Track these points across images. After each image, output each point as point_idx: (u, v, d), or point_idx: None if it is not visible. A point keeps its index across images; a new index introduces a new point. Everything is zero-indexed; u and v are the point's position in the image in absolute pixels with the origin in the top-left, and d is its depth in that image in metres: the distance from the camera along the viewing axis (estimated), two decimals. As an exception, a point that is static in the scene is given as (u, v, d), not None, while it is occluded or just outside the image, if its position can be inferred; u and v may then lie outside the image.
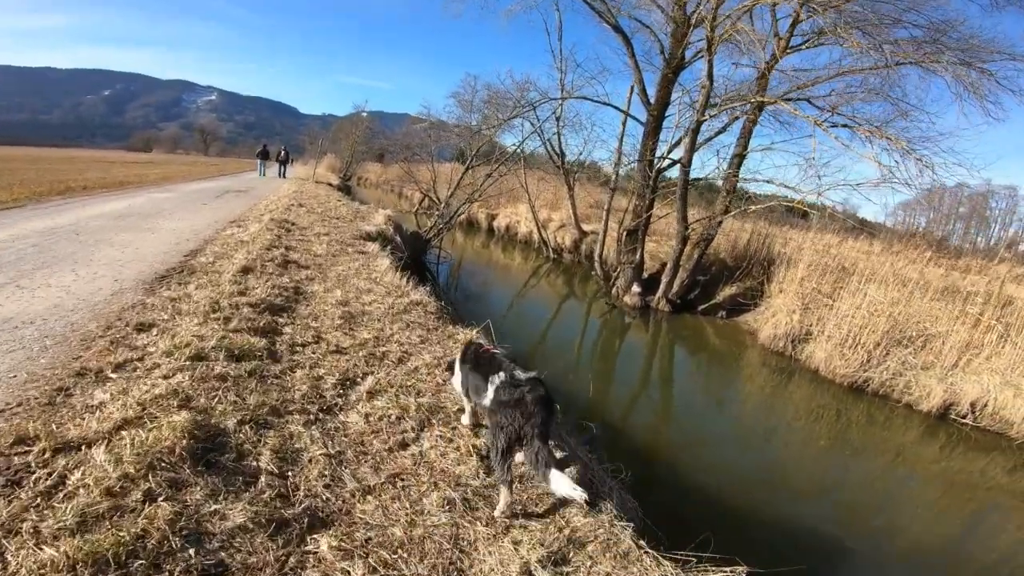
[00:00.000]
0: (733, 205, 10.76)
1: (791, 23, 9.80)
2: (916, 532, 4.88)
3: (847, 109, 9.41)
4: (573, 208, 15.92)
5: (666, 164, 11.54)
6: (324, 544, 1.92)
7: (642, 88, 12.06)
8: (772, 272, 10.57)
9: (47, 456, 2.13)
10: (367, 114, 32.91)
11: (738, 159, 10.62)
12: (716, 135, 11.38)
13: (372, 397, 3.06)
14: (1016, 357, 6.72)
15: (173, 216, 9.40)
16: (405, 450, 2.63)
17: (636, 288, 11.46)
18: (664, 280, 11.15)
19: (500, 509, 2.30)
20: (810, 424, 6.86)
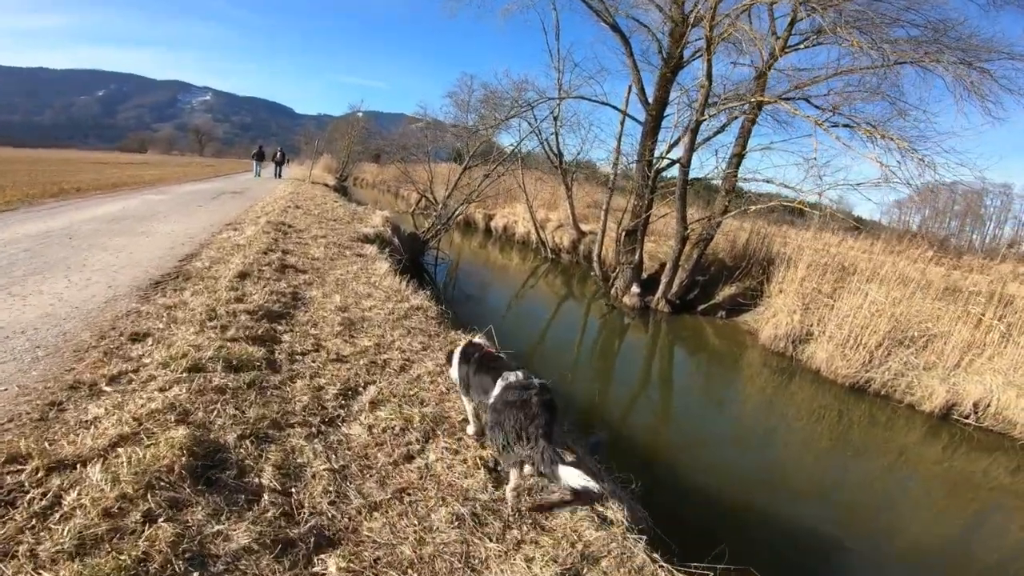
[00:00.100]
0: (732, 205, 10.73)
1: (789, 22, 9.79)
2: (919, 533, 4.87)
3: (847, 109, 9.40)
4: (571, 208, 15.86)
5: (665, 164, 11.50)
6: (332, 565, 1.85)
7: (640, 88, 12.02)
8: (771, 272, 10.53)
9: (41, 475, 2.04)
10: (363, 114, 32.82)
11: (737, 159, 10.60)
12: (715, 135, 11.33)
13: (375, 407, 2.99)
14: (1019, 357, 6.71)
15: (168, 219, 9.28)
16: (410, 463, 2.56)
17: (635, 288, 11.41)
18: (663, 280, 11.11)
19: (511, 486, 2.42)
20: (812, 425, 6.84)
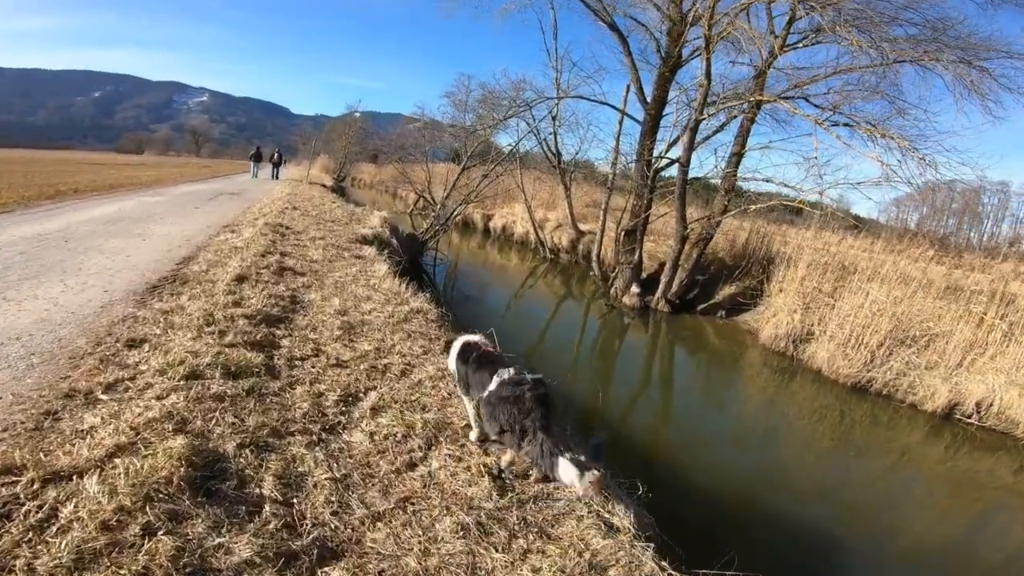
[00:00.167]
0: (732, 204, 10.71)
1: (787, 21, 9.77)
2: (923, 533, 4.86)
3: (846, 108, 9.38)
4: (570, 208, 15.83)
5: (664, 163, 11.47)
6: (335, 579, 1.81)
7: (639, 87, 11.99)
8: (771, 271, 10.51)
9: (36, 487, 1.99)
10: (360, 114, 32.74)
11: (736, 158, 10.58)
12: (714, 134, 11.30)
13: (376, 414, 2.94)
14: (1021, 356, 6.70)
15: (165, 221, 9.22)
16: (413, 471, 2.52)
17: (635, 288, 11.39)
18: (663, 280, 11.08)
19: (505, 461, 2.61)
20: (814, 424, 6.83)
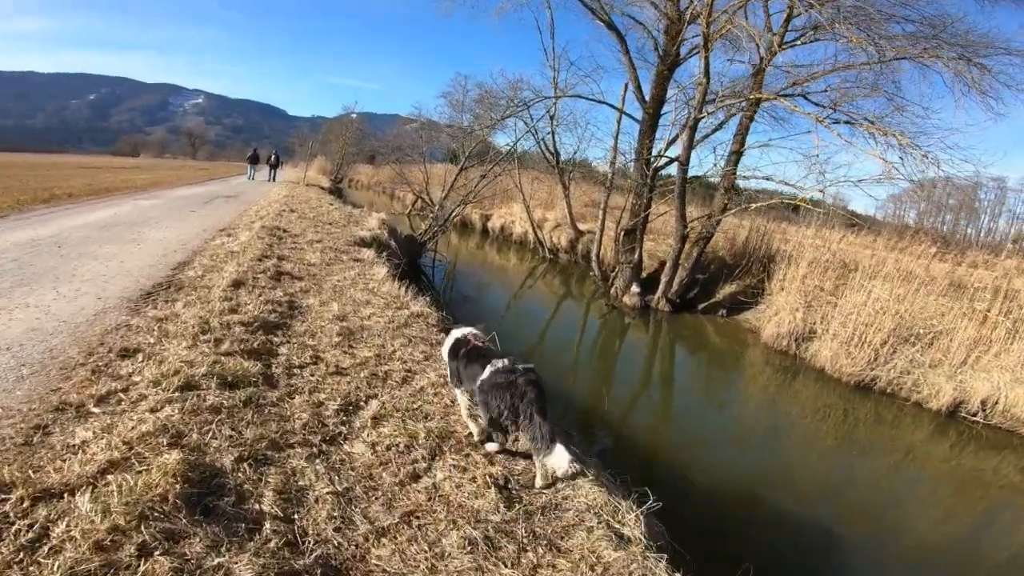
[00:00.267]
0: (732, 203, 10.66)
1: (785, 18, 9.73)
2: (928, 531, 4.83)
3: (846, 105, 9.34)
4: (569, 207, 15.76)
5: (663, 162, 11.41)
6: (338, 601, 1.74)
7: (637, 86, 11.92)
8: (772, 269, 10.47)
9: (26, 505, 1.92)
10: (357, 115, 32.60)
11: (735, 156, 10.53)
12: (713, 132, 11.25)
13: (378, 423, 2.87)
14: (1026, 353, 6.66)
15: (160, 225, 9.11)
16: (417, 483, 2.44)
17: (635, 288, 11.33)
18: (663, 279, 11.03)
19: (493, 446, 2.79)
20: (817, 423, 6.78)
